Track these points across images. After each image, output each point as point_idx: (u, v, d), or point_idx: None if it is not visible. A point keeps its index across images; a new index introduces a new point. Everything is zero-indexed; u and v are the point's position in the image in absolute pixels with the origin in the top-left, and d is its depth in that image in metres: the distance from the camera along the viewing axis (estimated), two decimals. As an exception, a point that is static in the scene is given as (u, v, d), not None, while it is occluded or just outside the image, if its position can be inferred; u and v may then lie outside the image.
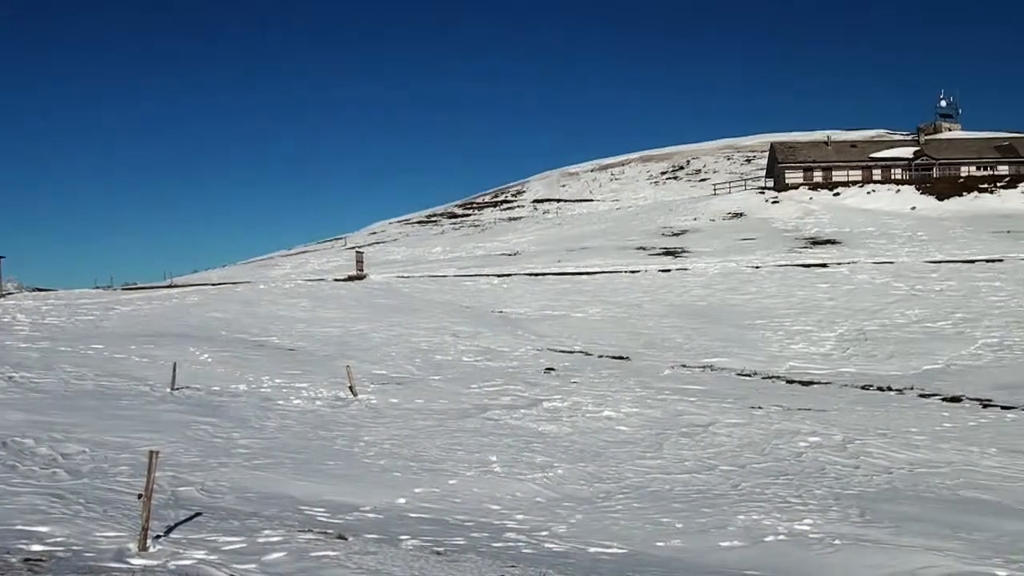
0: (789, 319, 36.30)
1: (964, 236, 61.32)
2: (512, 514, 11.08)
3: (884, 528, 10.63)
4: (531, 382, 22.21)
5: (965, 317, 35.46)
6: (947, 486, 13.32)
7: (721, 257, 54.83)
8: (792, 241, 62.06)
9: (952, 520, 11.16)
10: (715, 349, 30.32)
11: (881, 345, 30.96)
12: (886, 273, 47.08)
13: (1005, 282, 43.21)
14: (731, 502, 11.86)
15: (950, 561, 9.07)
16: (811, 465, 14.39)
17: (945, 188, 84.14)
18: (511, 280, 49.26)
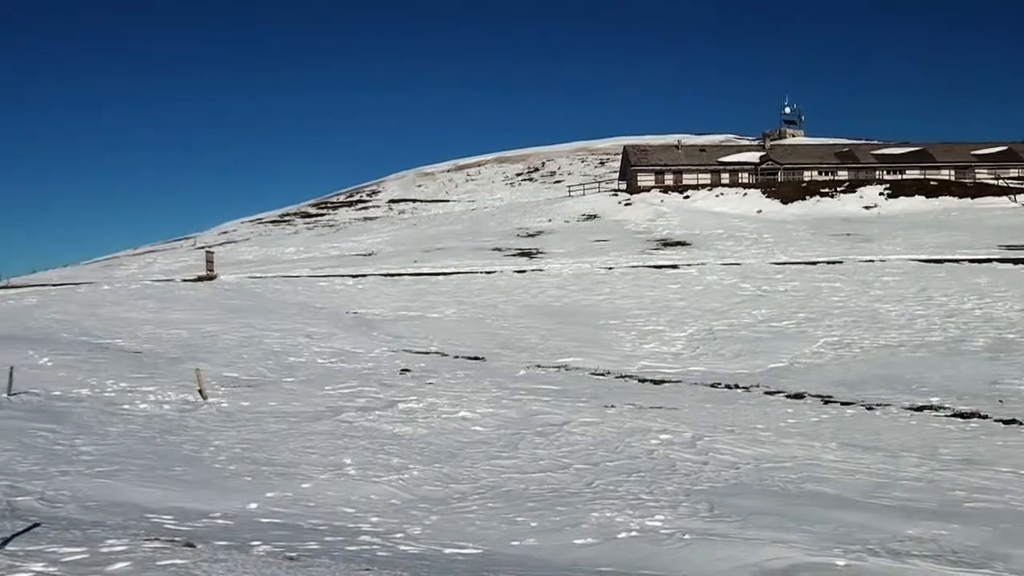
0: (641, 319, 37.01)
1: (807, 239, 63.66)
2: (367, 517, 10.95)
3: (732, 522, 10.89)
4: (386, 383, 22.04)
5: (808, 317, 36.79)
6: (791, 480, 13.75)
7: (575, 258, 55.54)
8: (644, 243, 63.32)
9: (795, 513, 11.52)
10: (569, 349, 30.68)
11: (729, 344, 31.84)
12: (734, 274, 48.48)
13: (844, 283, 45.04)
14: (585, 500, 11.99)
15: (794, 552, 9.34)
16: (662, 462, 14.67)
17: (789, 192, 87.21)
18: (366, 281, 48.84)
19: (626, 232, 68.30)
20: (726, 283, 45.88)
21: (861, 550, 9.58)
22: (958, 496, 13.00)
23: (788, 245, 60.12)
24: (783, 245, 60.19)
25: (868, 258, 53.36)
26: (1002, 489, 13.53)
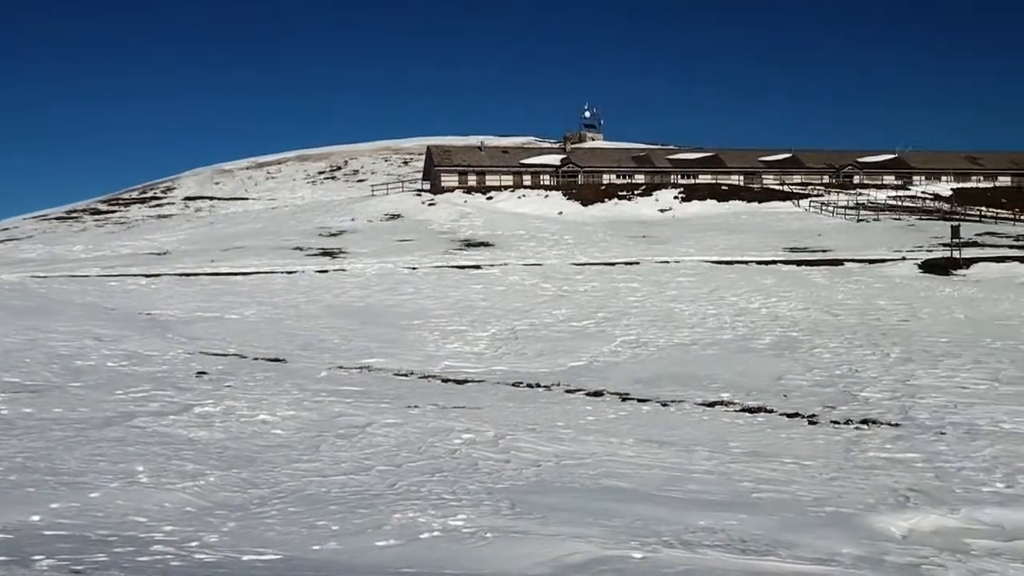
0: (445, 319, 37.12)
1: (606, 240, 65.36)
2: (160, 526, 10.52)
3: (533, 519, 11.01)
4: (182, 387, 21.28)
5: (607, 316, 37.76)
6: (590, 476, 14.04)
7: (379, 258, 55.22)
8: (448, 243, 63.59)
9: (594, 508, 11.75)
10: (372, 350, 30.45)
11: (531, 343, 32.32)
12: (535, 275, 49.27)
13: (641, 283, 46.47)
14: (388, 502, 11.89)
15: (592, 546, 9.52)
16: (465, 461, 14.71)
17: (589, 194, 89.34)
18: (160, 281, 47.12)
19: (430, 232, 68.42)
20: (528, 283, 46.58)
21: (656, 542, 9.85)
22: (746, 487, 13.57)
23: (588, 246, 61.58)
24: (583, 246, 61.61)
25: (663, 259, 55.26)
26: (787, 480, 14.21)
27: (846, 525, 11.38)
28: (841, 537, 10.66)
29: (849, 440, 18.03)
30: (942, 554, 10.27)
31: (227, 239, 66.78)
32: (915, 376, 26.09)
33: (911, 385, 24.77)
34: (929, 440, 18.17)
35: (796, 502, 12.71)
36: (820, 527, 11.18)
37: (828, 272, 51.50)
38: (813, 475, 14.67)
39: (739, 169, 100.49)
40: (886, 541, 10.83)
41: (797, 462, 15.66)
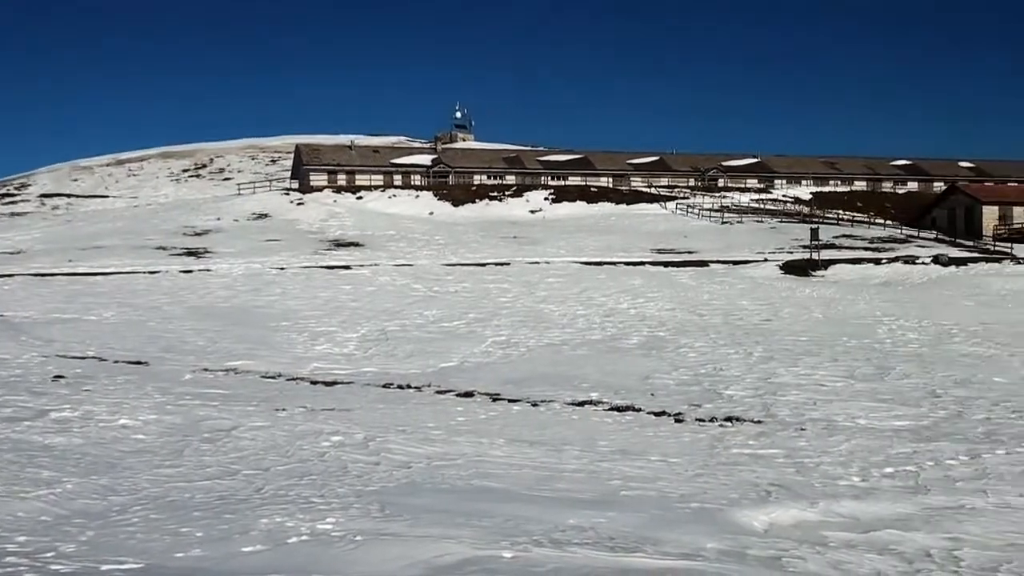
0: (314, 320, 36.64)
1: (477, 241, 65.49)
2: (12, 536, 10.07)
3: (403, 521, 10.93)
4: (37, 391, 20.46)
5: (477, 317, 37.82)
6: (461, 477, 14.02)
7: (245, 258, 54.18)
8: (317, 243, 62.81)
9: (465, 508, 11.73)
10: (239, 352, 29.85)
11: (401, 344, 32.15)
12: (406, 275, 49.06)
13: (512, 284, 46.72)
14: (254, 506, 11.65)
15: (462, 547, 9.49)
16: (334, 464, 14.53)
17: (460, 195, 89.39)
18: (14, 281, 45.30)
19: (298, 232, 67.47)
20: (398, 284, 46.35)
21: (527, 541, 9.88)
22: (615, 485, 13.75)
23: (459, 247, 61.62)
24: (454, 247, 61.62)
25: (534, 260, 55.66)
26: (654, 477, 14.44)
27: (710, 520, 11.63)
28: (706, 532, 10.88)
29: (714, 437, 18.45)
30: (801, 546, 10.57)
31: (86, 238, 64.59)
32: (776, 374, 26.88)
33: (773, 383, 25.51)
34: (790, 436, 18.73)
35: (663, 499, 12.92)
36: (686, 523, 11.39)
37: (694, 273, 52.65)
38: (679, 472, 14.96)
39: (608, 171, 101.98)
40: (748, 535, 11.10)
41: (664, 459, 15.94)
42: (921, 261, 58.82)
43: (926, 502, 13.53)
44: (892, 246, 66.20)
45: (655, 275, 51.37)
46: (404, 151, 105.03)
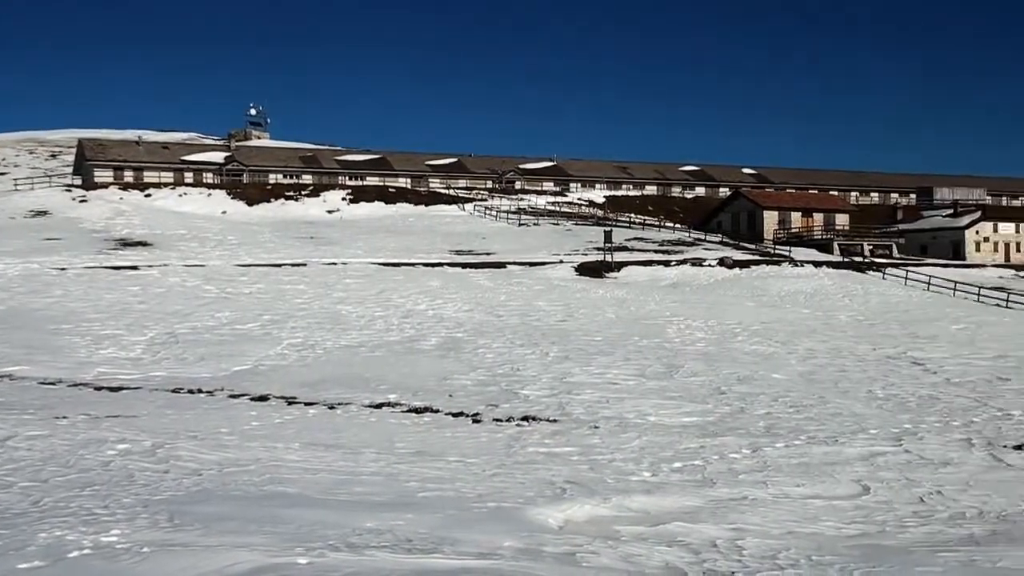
0: (98, 323, 35.02)
1: (272, 241, 64.12)
2: None
3: (193, 530, 10.56)
4: None
5: (272, 319, 37.03)
6: (254, 483, 13.67)
7: (23, 258, 51.23)
8: (102, 242, 60.08)
9: (259, 515, 11.44)
10: (16, 357, 28.19)
11: (192, 348, 31.12)
12: (197, 276, 47.53)
13: (308, 285, 45.99)
14: (31, 520, 10.99)
15: (256, 555, 9.25)
16: (119, 473, 13.90)
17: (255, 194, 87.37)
18: None
19: (81, 231, 64.35)
20: (189, 285, 44.87)
21: (322, 547, 9.72)
22: (412, 487, 13.71)
23: (253, 247, 60.19)
24: (248, 247, 60.15)
25: (331, 261, 54.95)
26: (452, 477, 14.48)
27: (507, 519, 11.74)
28: (503, 531, 10.97)
29: (511, 437, 18.68)
30: (595, 541, 10.81)
31: None
32: (572, 374, 27.47)
33: (568, 382, 26.05)
34: (584, 434, 19.17)
35: (460, 499, 12.97)
36: (483, 522, 11.47)
37: (491, 274, 53.19)
38: (477, 472, 15.05)
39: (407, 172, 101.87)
40: (544, 532, 11.26)
41: (462, 460, 16.01)
42: (708, 263, 61.34)
43: (712, 494, 14.09)
44: (681, 249, 68.71)
45: (453, 276, 51.63)
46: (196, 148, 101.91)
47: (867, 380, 28.65)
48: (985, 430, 20.92)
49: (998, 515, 13.36)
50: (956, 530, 12.36)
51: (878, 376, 29.58)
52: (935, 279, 58.90)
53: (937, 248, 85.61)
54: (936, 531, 12.31)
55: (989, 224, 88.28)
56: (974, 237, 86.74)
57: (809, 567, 10.15)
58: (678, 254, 65.30)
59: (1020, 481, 15.64)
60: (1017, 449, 18.48)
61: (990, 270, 73.14)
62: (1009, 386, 28.32)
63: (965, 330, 42.90)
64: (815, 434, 19.78)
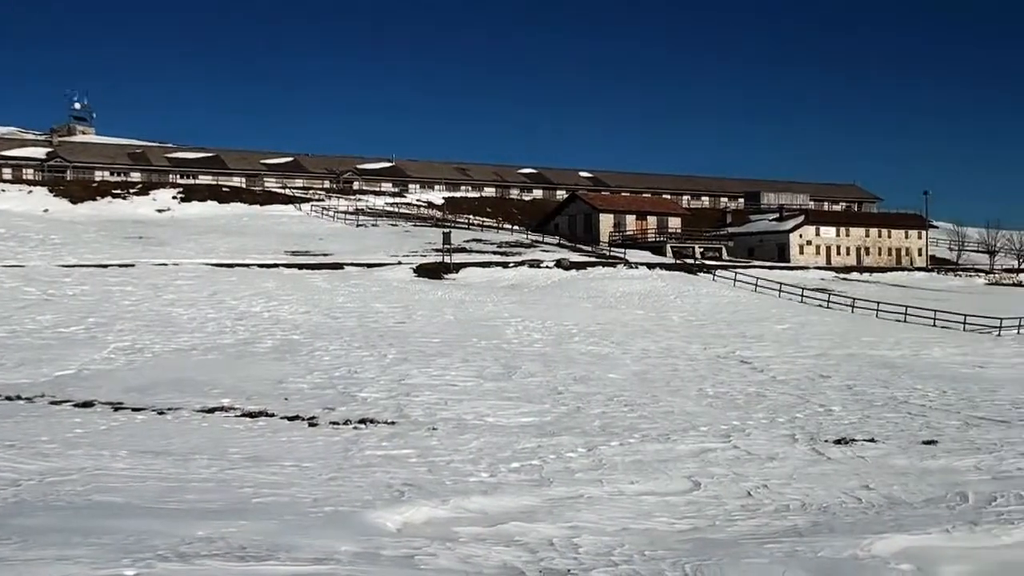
0: (-93, 327, 33.01)
1: (98, 241, 61.76)
2: None
3: (12, 544, 10.04)
4: None
5: (98, 321, 35.65)
6: (78, 492, 13.10)
7: None
8: (-89, 241, 56.74)
9: (83, 526, 10.97)
10: None
11: (10, 353, 29.67)
12: (17, 277, 45.38)
13: (137, 286, 44.47)
14: None
15: (80, 568, 8.86)
16: (-72, 486, 13.11)
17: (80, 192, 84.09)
18: None
19: None
20: (7, 287, 42.78)
21: (151, 557, 9.37)
22: (246, 493, 13.38)
23: (78, 247, 57.83)
24: (72, 247, 57.75)
25: (161, 262, 53.31)
26: (287, 483, 14.21)
27: (345, 523, 11.59)
28: (340, 535, 10.82)
29: (348, 440, 18.47)
30: (433, 543, 10.76)
31: None
32: (410, 375, 27.37)
33: (406, 384, 25.95)
34: (422, 436, 19.11)
35: (296, 504, 12.73)
36: (320, 527, 11.29)
37: (329, 275, 52.58)
38: (313, 476, 14.81)
39: (242, 171, 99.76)
40: (382, 536, 11.16)
41: (298, 464, 15.73)
42: (546, 265, 62.15)
43: (549, 494, 14.24)
44: (519, 250, 69.40)
45: (289, 278, 50.80)
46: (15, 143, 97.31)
47: (698, 379, 29.54)
48: (808, 425, 21.82)
49: (819, 507, 13.93)
50: (781, 522, 12.82)
51: (708, 375, 30.53)
52: (762, 281, 61.25)
53: (764, 251, 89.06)
54: (763, 523, 12.74)
55: (812, 228, 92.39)
56: (798, 240, 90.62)
57: (642, 562, 10.35)
58: (516, 256, 65.94)
59: (840, 474, 16.36)
60: (837, 443, 19.33)
61: (813, 272, 76.63)
62: (830, 383, 29.66)
63: (789, 330, 44.77)
64: (648, 432, 20.24)
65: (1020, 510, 13.33)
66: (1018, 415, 24.21)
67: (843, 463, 17.45)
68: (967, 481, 15.73)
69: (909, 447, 19.17)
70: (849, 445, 19.15)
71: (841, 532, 11.92)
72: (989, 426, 22.31)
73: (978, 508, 13.58)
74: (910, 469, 16.90)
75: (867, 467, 17.05)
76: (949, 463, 17.49)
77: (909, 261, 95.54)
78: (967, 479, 15.95)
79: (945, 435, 20.76)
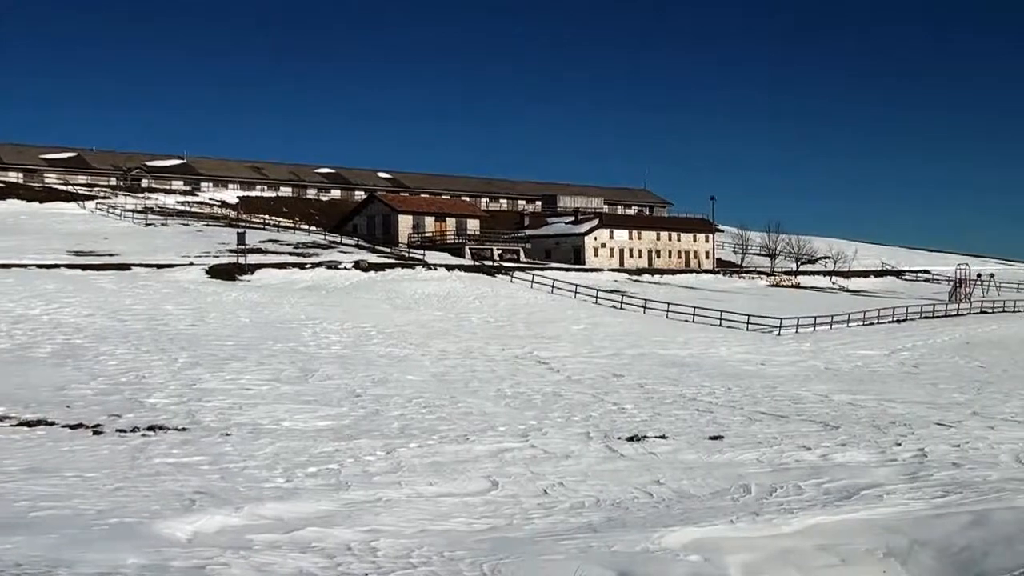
0: None
1: None
2: None
3: None
4: None
5: None
6: None
7: None
8: None
9: None
10: None
11: None
12: None
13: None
14: None
15: None
16: None
17: None
18: None
19: None
20: None
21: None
22: (23, 507, 12.62)
23: None
24: None
25: (-71, 262, 49.85)
26: (69, 494, 13.49)
27: (131, 535, 11.10)
28: (126, 548, 10.36)
29: (135, 448, 17.70)
30: (226, 552, 10.45)
31: None
32: (202, 380, 26.51)
33: (198, 389, 25.12)
34: (215, 442, 18.53)
35: (79, 517, 12.11)
36: (104, 540, 10.77)
37: (116, 277, 50.44)
38: (97, 487, 14.12)
39: (19, 166, 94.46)
40: (172, 546, 10.75)
41: (80, 475, 14.96)
42: (343, 266, 61.54)
43: (347, 498, 14.07)
44: (317, 251, 68.47)
45: (72, 279, 48.39)
46: None
47: (496, 379, 29.85)
48: (602, 424, 22.39)
49: (613, 502, 14.30)
50: (576, 519, 13.08)
51: (506, 375, 30.91)
52: (558, 282, 62.56)
53: (560, 253, 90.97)
54: (559, 521, 12.97)
55: (606, 231, 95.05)
56: (593, 243, 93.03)
57: (441, 563, 10.35)
58: (314, 257, 65.08)
59: (632, 470, 16.85)
60: (630, 440, 19.91)
61: (607, 274, 78.87)
62: (623, 382, 30.55)
63: (585, 330, 45.90)
64: (447, 433, 20.30)
65: (798, 500, 14.07)
66: (796, 410, 25.59)
67: (635, 459, 17.99)
68: (750, 474, 16.50)
69: (697, 442, 19.94)
70: (641, 442, 19.75)
71: (634, 526, 12.26)
72: (770, 421, 23.47)
73: (760, 499, 14.25)
74: (698, 464, 17.59)
75: (658, 463, 17.63)
76: (734, 457, 18.30)
77: (697, 264, 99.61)
78: (750, 472, 16.73)
79: (730, 430, 21.70)
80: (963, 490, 14.36)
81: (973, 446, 19.69)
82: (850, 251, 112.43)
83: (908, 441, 20.22)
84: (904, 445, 19.68)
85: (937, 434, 21.41)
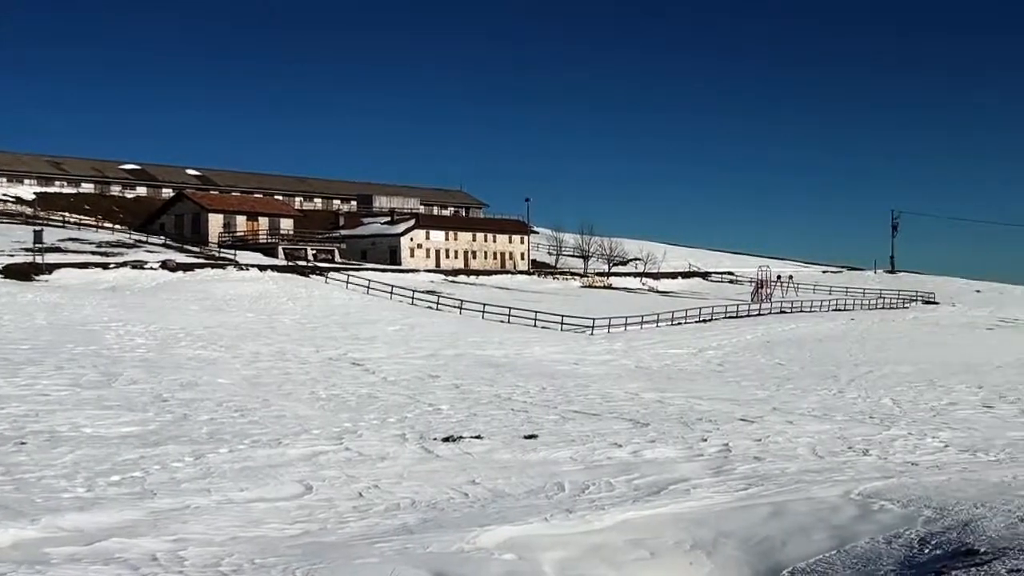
0: None
1: None
2: None
3: None
4: None
5: None
6: None
7: None
8: None
9: None
10: None
11: None
12: None
13: None
14: None
15: None
16: None
17: None
18: None
19: None
20: None
21: None
22: None
23: None
24: None
25: None
26: None
27: (-87, 553, 10.37)
28: (-93, 568, 9.67)
29: (-81, 459, 16.56)
30: (21, 568, 9.89)
31: None
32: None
33: (-11, 395, 23.74)
34: (9, 451, 17.53)
35: None
36: None
37: (-103, 277, 47.20)
38: None
39: None
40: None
41: None
42: (150, 266, 59.44)
43: (152, 506, 13.55)
44: (121, 251, 65.90)
45: None
46: None
47: (310, 381, 29.39)
48: (418, 425, 22.32)
49: (429, 503, 14.26)
50: (392, 521, 12.97)
51: (321, 377, 30.46)
52: (374, 283, 62.18)
53: (376, 254, 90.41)
54: (374, 523, 12.83)
55: (422, 232, 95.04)
56: (409, 244, 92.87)
57: (252, 570, 10.08)
58: (118, 256, 62.64)
59: (448, 471, 16.86)
60: (446, 441, 19.91)
61: (423, 275, 78.87)
62: (439, 383, 30.57)
63: (401, 331, 45.75)
64: (259, 437, 19.83)
65: (610, 496, 14.37)
66: (607, 408, 26.17)
67: (451, 460, 18.00)
68: (564, 472, 16.76)
69: (512, 442, 20.12)
70: (457, 442, 19.79)
71: (449, 527, 12.25)
72: (583, 419, 23.92)
73: (573, 496, 14.49)
74: (513, 463, 17.75)
75: (474, 463, 17.70)
76: (548, 455, 18.56)
77: (513, 265, 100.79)
78: (564, 470, 17.00)
79: (544, 429, 22.00)
80: (764, 483, 14.96)
81: (773, 440, 20.56)
82: (660, 253, 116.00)
83: (714, 437, 20.95)
84: (710, 440, 20.38)
85: (740, 429, 22.27)
